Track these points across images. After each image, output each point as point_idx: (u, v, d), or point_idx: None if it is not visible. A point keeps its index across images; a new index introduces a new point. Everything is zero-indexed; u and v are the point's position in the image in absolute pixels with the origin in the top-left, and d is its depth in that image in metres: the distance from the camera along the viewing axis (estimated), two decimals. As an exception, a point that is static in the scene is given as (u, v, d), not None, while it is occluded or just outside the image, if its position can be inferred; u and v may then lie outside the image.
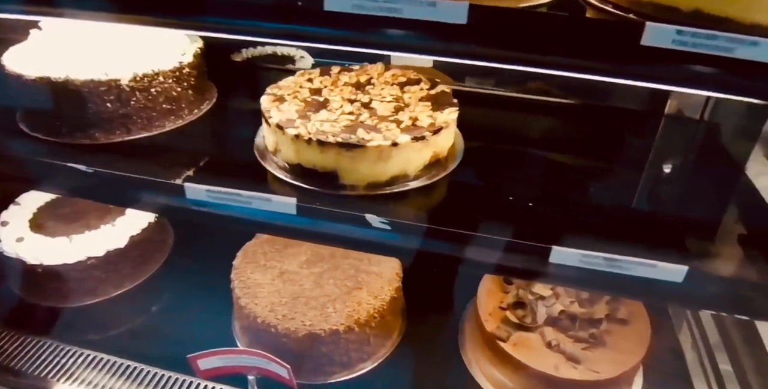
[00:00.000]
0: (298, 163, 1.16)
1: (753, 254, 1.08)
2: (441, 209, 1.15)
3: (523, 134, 1.50)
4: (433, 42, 0.91)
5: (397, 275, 1.46)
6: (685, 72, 0.86)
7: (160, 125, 1.36)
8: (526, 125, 1.54)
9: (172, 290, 1.69)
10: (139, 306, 1.64)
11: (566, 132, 1.55)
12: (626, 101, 1.85)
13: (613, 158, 1.41)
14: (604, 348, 1.30)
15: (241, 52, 2.08)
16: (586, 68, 0.90)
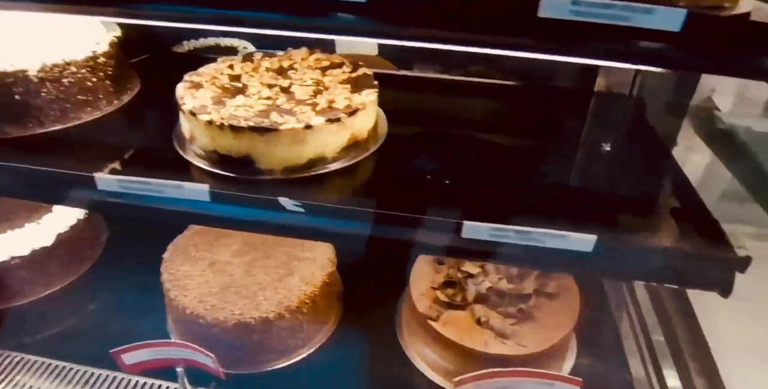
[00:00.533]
0: (213, 149, 1.14)
1: (665, 224, 1.11)
2: (359, 191, 1.15)
3: (455, 115, 1.51)
4: (333, 20, 0.90)
5: (330, 260, 1.45)
6: (583, 42, 0.87)
7: (76, 117, 1.32)
8: (459, 107, 1.55)
9: (105, 288, 1.65)
10: (71, 305, 1.59)
11: (498, 112, 1.56)
12: (558, 79, 1.89)
13: (542, 135, 1.42)
14: (533, 322, 1.32)
15: (182, 45, 2.04)
16: (484, 42, 0.91)
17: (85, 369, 1.42)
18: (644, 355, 1.50)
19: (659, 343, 1.54)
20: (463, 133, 1.38)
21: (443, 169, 1.21)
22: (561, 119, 1.50)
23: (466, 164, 1.26)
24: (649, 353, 1.49)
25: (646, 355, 1.49)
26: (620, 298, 1.72)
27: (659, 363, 1.46)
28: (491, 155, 1.30)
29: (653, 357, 1.50)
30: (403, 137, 1.30)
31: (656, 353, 1.50)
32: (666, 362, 1.47)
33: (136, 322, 1.50)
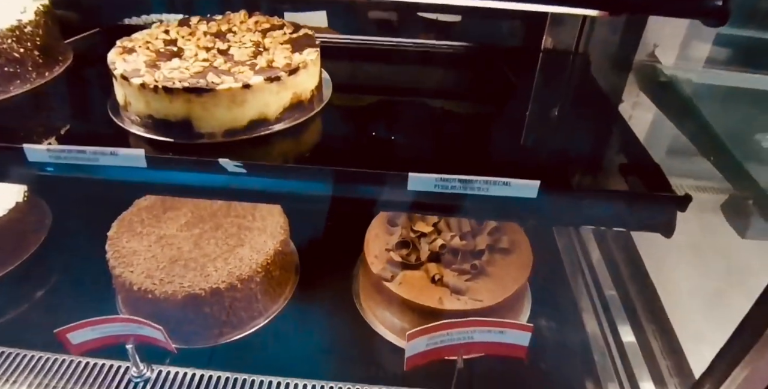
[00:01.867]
0: (149, 114, 1.10)
1: (610, 171, 1.13)
2: (305, 150, 1.12)
3: (403, 79, 1.50)
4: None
5: (282, 228, 1.43)
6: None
7: (4, 90, 1.25)
8: (407, 71, 1.54)
9: (51, 272, 1.60)
10: (16, 292, 1.53)
11: (448, 74, 1.56)
12: (506, 40, 1.90)
13: (490, 94, 1.43)
14: (487, 278, 1.33)
15: (124, 22, 1.98)
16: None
17: (34, 354, 1.35)
18: (596, 306, 1.54)
19: (611, 296, 1.58)
20: (411, 95, 1.37)
21: (389, 129, 1.20)
22: (509, 77, 1.50)
23: (413, 124, 1.25)
24: (601, 304, 1.52)
25: (599, 306, 1.52)
26: (571, 252, 1.77)
27: (611, 313, 1.49)
28: (439, 114, 1.29)
29: (605, 308, 1.53)
30: (348, 99, 1.29)
31: (608, 304, 1.53)
32: (618, 313, 1.50)
33: (86, 305, 1.44)
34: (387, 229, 1.44)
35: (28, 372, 1.32)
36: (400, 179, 1.00)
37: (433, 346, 1.06)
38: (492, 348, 1.08)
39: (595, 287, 1.59)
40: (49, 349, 1.38)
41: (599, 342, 1.44)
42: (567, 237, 1.77)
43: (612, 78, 1.58)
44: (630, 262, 1.65)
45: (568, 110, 1.36)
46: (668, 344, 1.37)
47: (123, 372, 1.28)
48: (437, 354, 1.08)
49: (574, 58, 1.64)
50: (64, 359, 1.32)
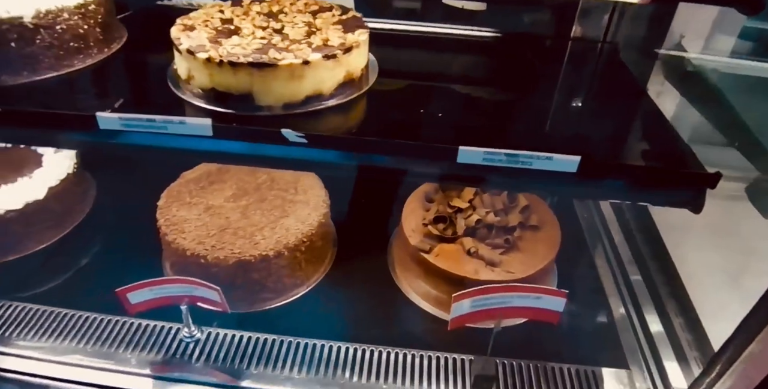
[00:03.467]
0: (212, 87, 1.17)
1: (643, 148, 1.20)
2: (357, 124, 1.20)
3: (441, 63, 1.56)
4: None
5: (324, 202, 1.51)
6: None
7: (69, 64, 1.32)
8: (443, 57, 1.61)
9: (98, 240, 1.68)
10: (65, 257, 1.61)
11: (482, 59, 1.63)
12: (532, 28, 1.96)
13: (523, 78, 1.49)
14: (518, 252, 1.41)
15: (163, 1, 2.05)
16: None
17: (89, 315, 1.44)
18: (618, 282, 1.61)
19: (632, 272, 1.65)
20: (450, 78, 1.44)
21: (433, 107, 1.27)
22: (542, 63, 1.57)
23: (456, 103, 1.32)
24: (623, 280, 1.60)
25: (621, 282, 1.60)
26: (593, 230, 1.85)
27: (634, 289, 1.57)
28: (479, 95, 1.36)
29: (627, 284, 1.60)
30: (393, 80, 1.35)
31: (630, 281, 1.61)
32: (640, 289, 1.58)
33: (131, 270, 1.51)
34: (423, 205, 1.52)
35: (84, 331, 1.40)
36: (451, 152, 1.07)
37: (475, 309, 1.13)
38: (528, 312, 1.15)
39: (617, 264, 1.66)
40: (101, 310, 1.46)
41: (621, 315, 1.51)
42: (589, 215, 1.85)
43: (638, 67, 1.65)
44: (650, 241, 1.73)
45: (602, 93, 1.43)
46: (688, 319, 1.44)
47: (174, 333, 1.37)
48: (478, 317, 1.15)
49: (603, 46, 1.71)
50: (117, 319, 1.41)
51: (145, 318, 1.40)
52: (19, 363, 1.32)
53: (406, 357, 1.33)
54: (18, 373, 1.30)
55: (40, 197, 1.55)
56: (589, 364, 1.36)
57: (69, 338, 1.37)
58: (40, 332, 1.39)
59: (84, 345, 1.34)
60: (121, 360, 1.30)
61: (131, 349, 1.34)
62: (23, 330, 1.40)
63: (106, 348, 1.33)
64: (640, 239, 1.75)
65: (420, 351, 1.33)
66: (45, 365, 1.31)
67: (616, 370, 1.35)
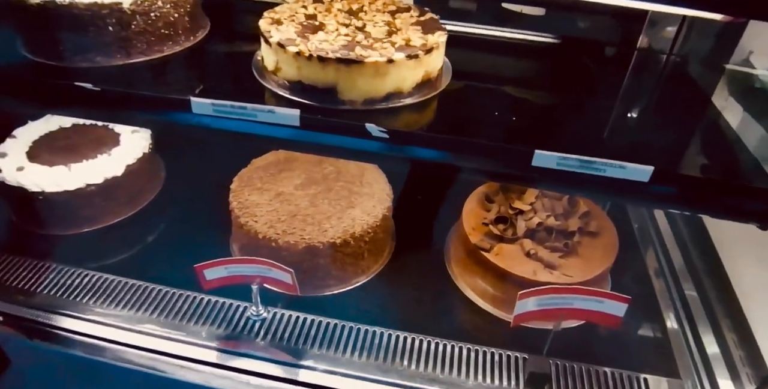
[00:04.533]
0: (298, 80, 1.22)
1: (712, 161, 1.21)
2: (434, 122, 1.23)
3: (504, 66, 1.59)
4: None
5: (388, 195, 1.56)
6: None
7: (159, 50, 1.40)
8: (505, 60, 1.64)
9: (168, 218, 1.77)
10: (138, 232, 1.71)
11: (550, 66, 1.65)
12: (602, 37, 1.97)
13: (590, 86, 1.51)
14: (576, 256, 1.44)
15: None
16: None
17: (162, 288, 1.52)
18: (672, 294, 1.62)
19: (686, 284, 1.66)
20: (518, 81, 1.47)
21: (504, 109, 1.30)
22: (608, 71, 1.59)
23: (528, 107, 1.35)
24: (677, 291, 1.61)
25: (675, 294, 1.61)
26: (647, 239, 1.86)
27: (687, 302, 1.58)
28: (548, 100, 1.39)
29: (681, 297, 1.61)
30: (466, 81, 1.39)
31: (684, 292, 1.61)
32: (693, 302, 1.59)
33: (200, 248, 1.60)
34: (483, 204, 1.55)
35: (157, 303, 1.49)
36: (526, 155, 1.11)
37: (538, 308, 1.17)
38: (589, 315, 1.18)
39: (671, 275, 1.67)
40: (169, 283, 1.55)
41: (674, 327, 1.52)
42: (642, 223, 1.86)
43: (703, 81, 1.65)
44: (705, 252, 1.72)
45: (670, 104, 1.44)
46: (742, 335, 1.45)
47: (242, 311, 1.44)
48: (540, 316, 1.19)
49: (669, 58, 1.71)
50: (188, 294, 1.49)
51: (214, 294, 1.48)
52: (96, 328, 1.42)
53: (462, 350, 1.37)
54: (96, 338, 1.40)
55: (118, 173, 1.64)
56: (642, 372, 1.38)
57: (144, 308, 1.46)
58: (116, 301, 1.48)
59: (158, 316, 1.43)
60: (192, 333, 1.38)
61: (201, 323, 1.41)
62: (101, 298, 1.50)
63: (178, 321, 1.42)
64: (694, 251, 1.75)
65: (476, 346, 1.38)
66: (121, 332, 1.40)
67: (668, 379, 1.36)
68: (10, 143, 1.73)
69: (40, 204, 1.61)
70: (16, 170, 1.60)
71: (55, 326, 1.49)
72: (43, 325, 1.50)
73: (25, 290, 1.54)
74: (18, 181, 1.57)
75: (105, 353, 1.41)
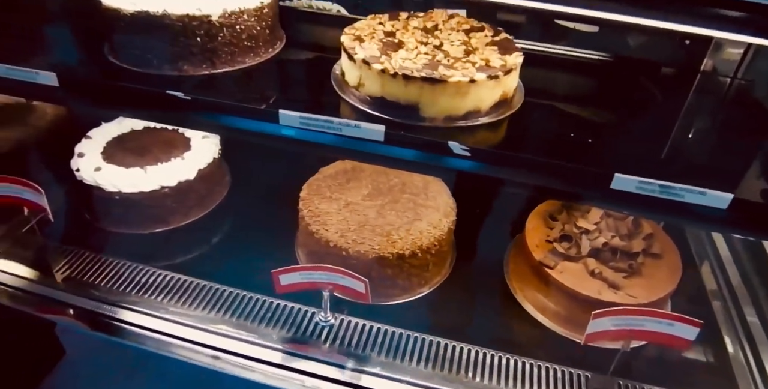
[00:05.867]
0: (381, 96, 1.26)
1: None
2: (512, 141, 1.26)
3: (566, 84, 1.61)
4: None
5: (452, 209, 1.59)
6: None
7: (242, 61, 1.45)
8: (565, 77, 1.64)
9: (234, 221, 1.83)
10: (206, 234, 1.78)
11: (606, 84, 1.65)
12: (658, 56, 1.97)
13: (655, 107, 1.52)
14: (640, 277, 1.45)
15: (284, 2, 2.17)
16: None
17: (233, 290, 1.58)
18: (732, 318, 1.62)
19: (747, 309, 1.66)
20: (589, 101, 1.49)
21: (580, 129, 1.32)
22: (671, 92, 1.60)
23: (599, 127, 1.37)
24: (737, 315, 1.61)
25: (735, 318, 1.61)
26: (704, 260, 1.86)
27: (746, 320, 1.58)
28: (617, 121, 1.41)
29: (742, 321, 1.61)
30: (535, 99, 1.42)
31: (745, 317, 1.61)
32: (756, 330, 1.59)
33: (267, 252, 1.68)
34: (546, 222, 1.58)
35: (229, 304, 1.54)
36: (605, 178, 1.13)
37: (611, 327, 1.19)
38: (658, 337, 1.20)
39: (732, 300, 1.67)
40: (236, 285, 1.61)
41: (735, 353, 1.53)
42: (700, 247, 1.87)
43: (767, 105, 1.65)
44: (763, 274, 1.72)
45: (740, 130, 1.44)
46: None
47: (310, 316, 1.49)
48: (610, 335, 1.21)
49: (733, 81, 1.72)
50: (258, 297, 1.55)
51: (283, 298, 1.54)
52: (159, 323, 1.48)
53: (525, 365, 1.40)
54: (157, 332, 1.47)
55: (191, 177, 1.70)
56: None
57: (210, 307, 1.52)
58: (189, 300, 1.54)
59: (224, 316, 1.49)
60: (263, 335, 1.43)
61: (272, 326, 1.47)
62: (168, 295, 1.57)
63: (249, 322, 1.47)
64: (753, 272, 1.73)
65: (539, 362, 1.40)
66: (193, 331, 1.45)
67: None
68: (86, 143, 1.80)
69: (114, 204, 1.68)
70: (94, 170, 1.67)
71: (120, 319, 1.56)
72: (108, 318, 1.56)
73: (95, 285, 1.61)
74: (96, 181, 1.64)
75: (167, 347, 1.47)
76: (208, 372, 1.45)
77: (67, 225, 1.85)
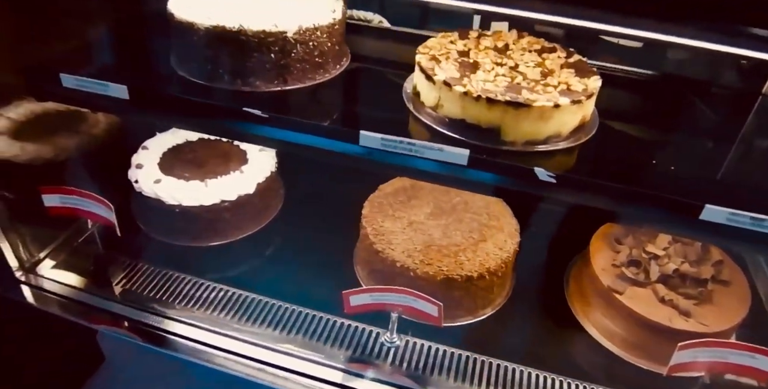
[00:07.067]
0: (461, 118, 1.25)
1: None
2: (594, 167, 1.24)
3: (625, 103, 1.58)
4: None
5: (516, 230, 1.58)
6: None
7: (312, 78, 1.44)
8: (622, 95, 1.62)
9: (289, 235, 1.82)
10: (260, 248, 1.77)
11: (668, 105, 1.62)
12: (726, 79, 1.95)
13: (721, 131, 1.50)
14: (710, 305, 1.43)
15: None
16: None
17: (296, 308, 1.59)
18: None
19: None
20: (658, 125, 1.47)
21: (659, 155, 1.31)
22: (730, 114, 1.58)
23: (676, 153, 1.35)
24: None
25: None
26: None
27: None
28: (693, 147, 1.39)
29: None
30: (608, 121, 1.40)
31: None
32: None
33: (324, 269, 1.67)
34: (612, 245, 1.56)
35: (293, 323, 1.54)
36: (695, 209, 1.12)
37: (695, 359, 1.17)
38: (740, 369, 1.18)
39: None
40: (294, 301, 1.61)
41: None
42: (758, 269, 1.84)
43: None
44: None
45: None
46: None
47: (375, 336, 1.48)
48: (694, 367, 1.19)
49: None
50: (321, 316, 1.54)
51: (349, 318, 1.54)
52: (235, 345, 1.47)
53: (596, 392, 1.39)
54: (235, 354, 1.45)
55: (250, 191, 1.69)
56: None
57: (270, 324, 1.52)
58: (252, 317, 1.54)
59: (294, 336, 1.48)
60: (330, 355, 1.42)
61: (338, 346, 1.46)
62: (228, 311, 1.57)
63: (314, 342, 1.46)
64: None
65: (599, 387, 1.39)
66: (259, 350, 1.44)
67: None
68: (143, 154, 1.80)
69: (173, 216, 1.67)
70: (154, 182, 1.66)
71: (167, 330, 1.56)
72: (164, 331, 1.56)
73: (151, 297, 1.61)
74: (156, 193, 1.63)
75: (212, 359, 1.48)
76: (246, 382, 1.44)
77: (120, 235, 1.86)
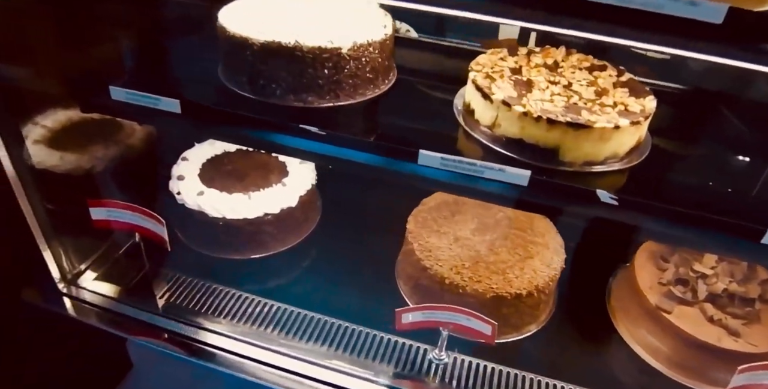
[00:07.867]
0: (520, 138, 1.25)
1: None
2: (653, 189, 1.24)
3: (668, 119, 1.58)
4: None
5: (561, 247, 1.58)
6: None
7: (362, 93, 1.44)
8: (676, 114, 1.61)
9: (329, 249, 1.83)
10: (301, 261, 1.77)
11: (708, 121, 1.60)
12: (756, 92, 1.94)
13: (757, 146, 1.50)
14: (759, 324, 1.44)
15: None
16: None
17: (342, 323, 1.59)
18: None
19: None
20: (707, 144, 1.46)
21: (715, 176, 1.31)
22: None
23: (732, 175, 1.34)
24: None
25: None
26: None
27: None
28: (744, 166, 1.39)
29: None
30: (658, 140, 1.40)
31: None
32: None
33: (362, 282, 1.68)
34: (657, 263, 1.57)
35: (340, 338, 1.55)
36: (757, 233, 1.12)
37: (752, 381, 1.18)
38: (794, 393, 1.19)
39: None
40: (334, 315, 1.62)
41: None
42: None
43: None
44: None
45: None
46: None
47: (423, 353, 1.48)
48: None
49: None
50: (368, 332, 1.55)
51: (401, 333, 1.53)
52: (284, 361, 1.47)
53: (644, 411, 1.39)
54: (284, 370, 1.45)
55: (293, 204, 1.69)
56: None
57: (327, 343, 1.52)
58: (299, 333, 1.54)
59: (342, 352, 1.48)
60: (379, 372, 1.43)
61: (387, 362, 1.46)
62: (284, 329, 1.57)
63: (362, 358, 1.46)
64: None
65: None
66: (309, 366, 1.44)
67: None
68: (184, 165, 1.79)
69: (215, 229, 1.67)
70: (197, 194, 1.66)
71: (208, 343, 1.57)
72: (196, 341, 1.58)
73: (190, 309, 1.61)
74: (199, 205, 1.63)
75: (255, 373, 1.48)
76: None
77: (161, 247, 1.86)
